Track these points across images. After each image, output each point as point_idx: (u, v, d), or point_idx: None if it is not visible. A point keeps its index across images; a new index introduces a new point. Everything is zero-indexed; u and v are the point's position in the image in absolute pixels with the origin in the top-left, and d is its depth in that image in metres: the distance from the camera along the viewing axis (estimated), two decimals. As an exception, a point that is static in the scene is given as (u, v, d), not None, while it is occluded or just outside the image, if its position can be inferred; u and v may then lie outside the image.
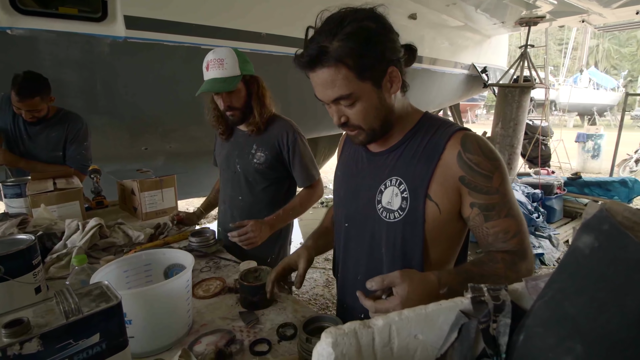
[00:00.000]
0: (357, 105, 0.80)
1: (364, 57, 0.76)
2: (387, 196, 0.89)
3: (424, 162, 0.84)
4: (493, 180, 0.81)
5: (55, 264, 1.30)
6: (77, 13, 2.51)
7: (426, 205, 0.84)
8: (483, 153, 0.81)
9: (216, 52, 1.41)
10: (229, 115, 1.49)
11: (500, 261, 0.80)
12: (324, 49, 0.75)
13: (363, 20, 0.76)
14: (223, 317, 1.04)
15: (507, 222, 0.82)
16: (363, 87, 0.79)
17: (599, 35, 26.84)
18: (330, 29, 0.76)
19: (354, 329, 0.48)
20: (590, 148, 9.11)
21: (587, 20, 5.56)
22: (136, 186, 1.79)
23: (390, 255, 0.90)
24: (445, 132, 0.85)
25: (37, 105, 1.91)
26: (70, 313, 0.62)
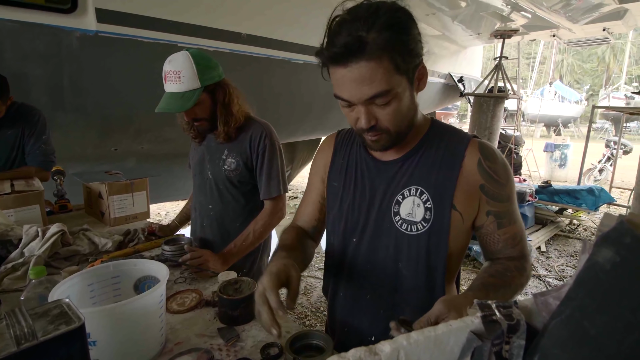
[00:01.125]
0: (392, 104, 0.73)
1: (404, 48, 0.70)
2: (406, 207, 0.83)
3: (446, 170, 0.81)
4: (507, 188, 0.82)
5: (10, 274, 1.17)
6: (44, 3, 2.35)
7: (452, 215, 0.81)
8: (500, 161, 0.82)
9: (172, 63, 1.27)
10: (196, 125, 1.40)
11: (514, 269, 0.81)
12: (362, 39, 0.66)
13: (397, 11, 0.69)
14: (200, 334, 0.95)
15: (515, 229, 0.84)
16: (401, 83, 0.72)
17: (564, 51, 28.36)
18: (365, 17, 0.67)
19: (359, 356, 0.43)
20: (558, 157, 9.53)
21: (558, 34, 5.81)
22: (104, 189, 1.67)
23: (412, 270, 0.85)
24: (462, 140, 0.84)
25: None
26: (22, 338, 0.53)
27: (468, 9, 4.94)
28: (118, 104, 2.78)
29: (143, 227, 1.58)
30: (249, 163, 1.44)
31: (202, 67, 1.29)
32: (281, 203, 1.48)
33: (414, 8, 0.76)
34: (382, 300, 0.89)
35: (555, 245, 4.74)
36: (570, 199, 5.08)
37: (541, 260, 4.27)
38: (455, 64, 6.82)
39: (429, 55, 0.80)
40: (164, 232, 1.58)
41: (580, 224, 5.38)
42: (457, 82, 6.58)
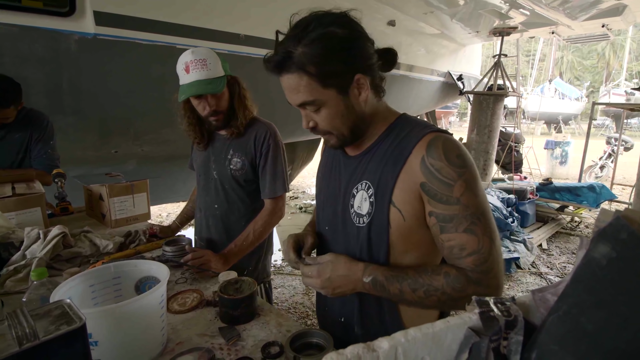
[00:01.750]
0: (322, 111, 0.80)
1: (327, 65, 0.74)
2: (357, 200, 0.87)
3: (391, 166, 0.81)
4: (454, 189, 0.74)
5: (12, 277, 1.17)
6: (42, 6, 2.35)
7: (390, 212, 0.81)
8: (447, 158, 0.75)
9: (195, 53, 1.30)
10: (213, 120, 1.39)
11: (442, 275, 0.76)
12: (289, 54, 0.74)
13: (329, 26, 0.73)
14: (201, 333, 0.96)
15: (465, 238, 0.74)
16: (327, 94, 0.77)
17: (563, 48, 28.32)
18: (296, 34, 0.74)
19: (358, 353, 0.43)
20: (558, 155, 9.51)
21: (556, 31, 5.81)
22: (105, 191, 1.67)
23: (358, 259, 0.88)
24: (416, 134, 0.80)
25: (9, 114, 1.81)
26: (24, 339, 0.53)
27: (466, 7, 4.94)
28: (117, 106, 2.78)
29: (144, 229, 1.58)
30: (253, 162, 1.45)
31: (221, 58, 1.35)
32: (281, 202, 1.49)
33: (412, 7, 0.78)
34: None
35: (556, 243, 4.74)
36: (571, 196, 5.07)
37: (542, 258, 4.27)
38: (454, 62, 6.82)
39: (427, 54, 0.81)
40: (165, 233, 1.59)
41: (582, 221, 5.38)
42: (457, 80, 6.57)
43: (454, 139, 0.80)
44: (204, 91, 1.29)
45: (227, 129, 1.44)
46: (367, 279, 0.80)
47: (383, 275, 0.79)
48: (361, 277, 0.81)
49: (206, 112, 1.36)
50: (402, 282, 0.78)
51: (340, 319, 0.97)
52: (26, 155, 1.95)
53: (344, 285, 0.83)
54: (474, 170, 0.77)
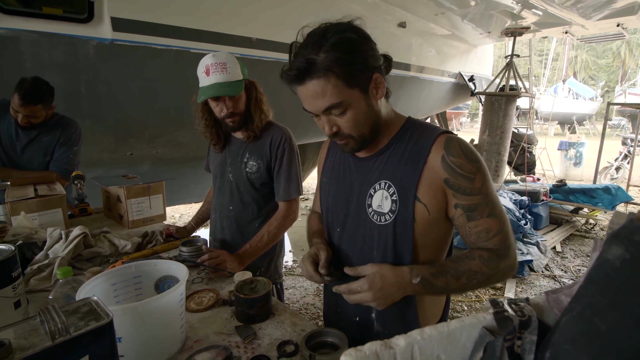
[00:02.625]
0: (347, 113, 0.83)
1: (350, 65, 0.79)
2: (377, 199, 0.91)
3: (411, 165, 0.87)
4: (475, 182, 0.84)
5: (36, 275, 1.22)
6: (62, 13, 2.43)
7: (415, 207, 0.86)
8: (465, 155, 0.84)
9: (216, 56, 1.35)
10: (230, 122, 1.42)
11: (477, 258, 0.84)
12: (311, 61, 0.77)
13: (345, 32, 0.79)
14: (218, 332, 0.99)
15: (489, 222, 0.85)
16: (352, 95, 0.81)
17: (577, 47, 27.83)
18: (315, 41, 0.78)
19: (375, 350, 0.45)
20: (573, 156, 9.35)
21: (570, 31, 5.72)
22: (122, 193, 1.72)
23: (380, 258, 0.92)
24: (430, 136, 0.87)
25: (37, 112, 1.87)
26: (56, 333, 0.56)
27: (477, 8, 4.91)
28: (133, 109, 2.85)
29: (161, 230, 1.62)
30: (269, 166, 1.48)
31: (240, 62, 1.39)
32: (295, 205, 1.52)
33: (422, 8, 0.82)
34: None
35: (570, 245, 4.66)
36: (586, 198, 4.99)
37: (556, 261, 4.20)
38: (465, 63, 6.77)
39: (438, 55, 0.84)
40: (181, 234, 1.63)
41: (597, 224, 5.28)
42: (468, 81, 6.52)
43: (463, 139, 0.89)
44: (223, 93, 1.34)
45: (244, 132, 1.47)
46: (416, 280, 0.82)
47: (429, 273, 0.83)
48: (410, 280, 0.82)
49: (223, 114, 1.40)
50: (447, 274, 0.83)
51: (355, 319, 0.99)
52: (52, 159, 2.03)
53: (396, 292, 0.84)
54: (484, 163, 0.88)
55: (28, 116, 1.86)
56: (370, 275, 0.83)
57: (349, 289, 0.85)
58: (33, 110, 1.85)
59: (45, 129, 1.98)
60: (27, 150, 1.97)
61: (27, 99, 1.79)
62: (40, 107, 1.86)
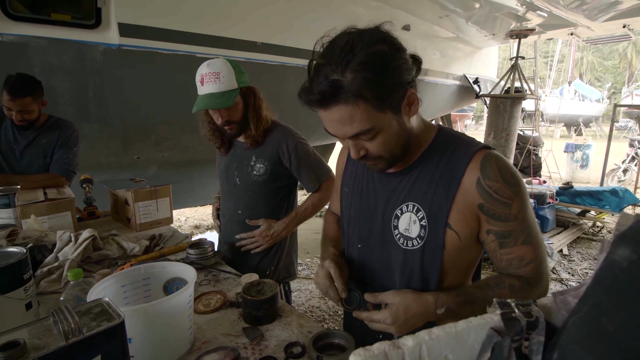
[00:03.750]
0: (378, 137, 0.74)
1: (382, 87, 0.69)
2: (404, 222, 0.85)
3: (443, 188, 0.80)
4: (512, 208, 0.77)
5: (46, 277, 1.24)
6: (70, 20, 2.47)
7: (446, 234, 0.80)
8: (503, 178, 0.76)
9: (210, 65, 1.34)
10: (227, 129, 1.45)
11: (507, 287, 0.79)
12: (337, 83, 0.67)
13: (375, 45, 0.68)
14: (226, 333, 0.99)
15: (523, 250, 0.79)
16: (383, 119, 0.72)
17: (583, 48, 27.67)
18: (340, 59, 0.67)
19: (384, 350, 0.45)
20: (579, 158, 9.28)
21: (576, 33, 5.70)
22: (130, 196, 1.74)
23: (405, 282, 0.87)
24: (465, 154, 0.79)
25: (28, 105, 1.87)
26: (70, 333, 0.57)
27: (482, 10, 4.91)
28: (140, 113, 2.88)
29: None
30: (278, 167, 1.49)
31: (237, 70, 1.38)
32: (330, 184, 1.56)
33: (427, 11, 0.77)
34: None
35: (577, 248, 4.63)
36: (592, 200, 4.95)
37: (563, 264, 4.17)
38: (470, 65, 6.76)
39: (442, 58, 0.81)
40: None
41: (604, 226, 5.23)
42: (473, 83, 6.52)
43: (502, 155, 0.80)
44: (213, 106, 1.34)
45: (246, 139, 1.48)
46: (441, 311, 0.77)
47: (455, 303, 0.77)
48: (434, 310, 0.77)
49: (220, 122, 1.42)
50: (473, 304, 0.77)
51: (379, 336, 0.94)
52: (52, 160, 2.04)
53: (418, 322, 0.79)
54: (525, 186, 0.80)
55: (21, 112, 1.86)
56: (393, 308, 0.77)
57: (370, 319, 0.80)
58: (23, 104, 1.85)
59: (42, 131, 2.00)
60: (26, 153, 1.99)
61: (15, 92, 1.81)
62: (30, 100, 1.87)
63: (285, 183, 1.55)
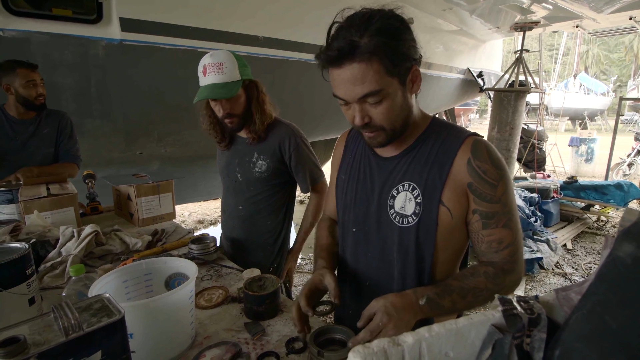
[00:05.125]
0: (383, 103, 0.79)
1: (395, 52, 0.75)
2: (399, 201, 0.89)
3: (437, 168, 0.85)
4: (497, 189, 0.83)
5: (49, 273, 1.24)
6: (71, 15, 2.46)
7: (439, 211, 0.85)
8: (491, 160, 0.83)
9: (214, 56, 1.33)
10: (228, 122, 1.42)
11: (482, 275, 0.82)
12: (355, 43, 0.73)
13: (390, 18, 0.76)
14: (227, 328, 1.00)
15: (503, 233, 0.84)
16: (392, 84, 0.77)
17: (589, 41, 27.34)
18: (359, 24, 0.74)
19: (383, 347, 0.45)
20: (584, 152, 9.21)
21: (581, 25, 5.63)
22: (133, 191, 1.74)
23: (401, 260, 0.90)
24: (457, 138, 0.86)
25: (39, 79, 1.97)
26: (70, 329, 0.58)
27: (486, 3, 4.85)
28: (142, 109, 2.88)
29: None
30: (280, 164, 1.49)
31: (240, 62, 1.37)
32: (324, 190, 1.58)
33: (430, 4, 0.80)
34: (379, 287, 0.95)
35: (581, 243, 4.60)
36: (597, 194, 4.92)
37: (567, 258, 4.15)
38: (474, 58, 6.70)
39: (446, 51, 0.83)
40: None
41: (609, 221, 5.20)
42: (477, 77, 6.46)
43: (490, 143, 0.87)
44: (216, 95, 1.33)
45: (248, 134, 1.47)
46: (422, 301, 0.78)
47: (434, 293, 0.79)
48: (417, 300, 0.78)
49: (221, 115, 1.40)
50: (452, 293, 0.81)
51: None
52: (56, 149, 2.10)
53: (409, 316, 0.77)
54: (509, 172, 0.86)
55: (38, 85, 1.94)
56: (381, 308, 0.76)
57: (370, 332, 0.75)
58: (38, 75, 1.95)
59: (41, 122, 2.05)
60: (30, 144, 2.03)
61: (29, 65, 1.91)
62: (38, 74, 1.96)
63: (286, 179, 1.54)
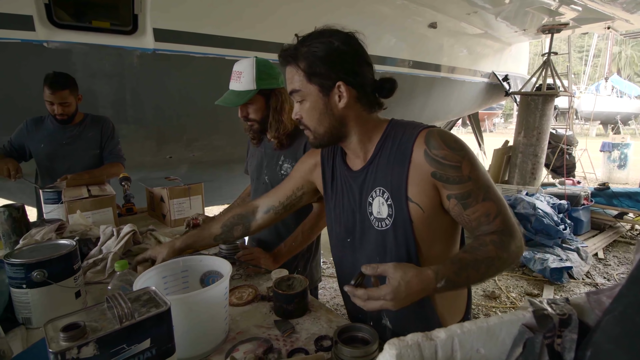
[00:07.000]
0: (304, 103, 0.92)
1: (314, 65, 0.87)
2: (375, 207, 0.94)
3: (398, 167, 0.90)
4: (462, 169, 0.85)
5: (92, 269, 1.32)
6: (109, 26, 2.61)
7: (409, 207, 0.89)
8: (447, 146, 0.85)
9: (238, 64, 1.43)
10: (248, 124, 1.51)
11: (490, 243, 0.83)
12: (293, 51, 0.90)
13: (330, 37, 0.88)
14: (258, 325, 1.04)
15: (486, 206, 0.85)
16: (310, 89, 0.90)
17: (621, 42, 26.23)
18: (305, 37, 0.90)
19: (417, 340, 0.47)
20: (616, 158, 8.83)
21: (613, 26, 5.44)
22: (166, 193, 1.82)
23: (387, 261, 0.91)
24: (411, 134, 0.90)
25: (67, 98, 2.06)
26: (123, 318, 0.63)
27: (512, 5, 4.76)
28: (173, 115, 3.00)
29: (188, 220, 1.70)
30: None
31: (261, 72, 1.42)
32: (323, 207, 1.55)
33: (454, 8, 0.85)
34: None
35: (614, 252, 4.42)
36: (631, 202, 4.71)
37: (598, 268, 4.00)
38: (499, 62, 6.58)
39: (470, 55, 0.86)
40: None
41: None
42: (502, 80, 6.34)
43: (444, 130, 0.91)
44: (227, 102, 1.42)
45: (272, 139, 1.52)
46: (440, 284, 0.77)
47: (452, 272, 0.79)
48: (435, 285, 0.77)
49: (240, 116, 1.49)
50: (467, 268, 0.81)
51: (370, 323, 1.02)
52: (101, 152, 2.26)
53: (416, 298, 0.78)
54: (470, 150, 0.88)
55: (62, 105, 2.05)
56: (394, 284, 0.75)
57: (368, 296, 0.77)
58: (62, 96, 2.04)
59: (85, 126, 2.22)
60: (76, 146, 2.20)
61: (54, 86, 2.01)
62: (68, 93, 2.06)
63: None
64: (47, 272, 0.98)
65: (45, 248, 1.06)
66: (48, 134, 2.17)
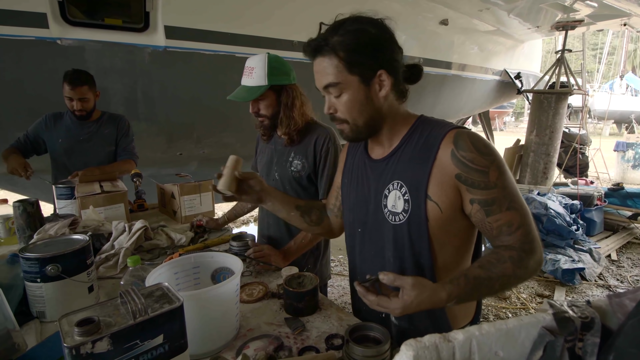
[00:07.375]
0: (343, 96, 0.87)
1: (355, 53, 0.83)
2: (391, 200, 0.92)
3: (421, 163, 0.87)
4: (489, 175, 0.82)
5: (104, 264, 1.34)
6: (121, 24, 2.63)
7: (427, 206, 0.86)
8: (476, 149, 0.82)
9: (251, 59, 1.43)
10: (259, 120, 1.51)
11: (508, 259, 0.80)
12: (325, 41, 0.84)
13: (364, 24, 0.84)
14: (268, 322, 1.04)
15: (510, 215, 0.82)
16: (350, 80, 0.85)
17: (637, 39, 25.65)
18: (335, 26, 0.85)
19: (435, 342, 0.46)
20: (631, 157, 8.65)
21: (629, 23, 5.32)
22: (177, 190, 1.83)
23: (398, 257, 0.93)
24: (439, 132, 0.87)
25: (86, 93, 2.10)
26: (137, 313, 0.63)
27: (525, 2, 4.69)
28: (183, 112, 3.02)
29: (192, 221, 1.71)
30: (313, 165, 1.52)
31: (273, 68, 1.42)
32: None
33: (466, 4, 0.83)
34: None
35: (627, 254, 4.33)
36: (646, 203, 4.62)
37: (611, 270, 3.93)
38: (511, 59, 6.49)
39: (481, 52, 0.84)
40: (211, 225, 1.72)
41: (659, 231, 4.87)
42: (514, 78, 6.25)
43: (475, 132, 0.86)
44: (238, 98, 1.42)
45: (283, 135, 1.52)
46: (451, 304, 0.78)
47: (464, 292, 0.78)
48: (445, 304, 0.78)
49: (251, 111, 1.49)
50: (481, 287, 0.79)
51: (382, 315, 1.00)
52: (116, 148, 2.29)
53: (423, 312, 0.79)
54: (500, 156, 0.85)
55: (81, 101, 2.08)
56: (407, 301, 0.75)
57: (378, 303, 0.78)
58: (82, 92, 2.08)
59: (102, 123, 2.25)
60: (93, 142, 2.23)
61: (74, 82, 2.04)
62: (87, 89, 2.09)
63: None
64: (61, 267, 1.00)
65: (59, 243, 1.08)
66: (66, 130, 2.20)
